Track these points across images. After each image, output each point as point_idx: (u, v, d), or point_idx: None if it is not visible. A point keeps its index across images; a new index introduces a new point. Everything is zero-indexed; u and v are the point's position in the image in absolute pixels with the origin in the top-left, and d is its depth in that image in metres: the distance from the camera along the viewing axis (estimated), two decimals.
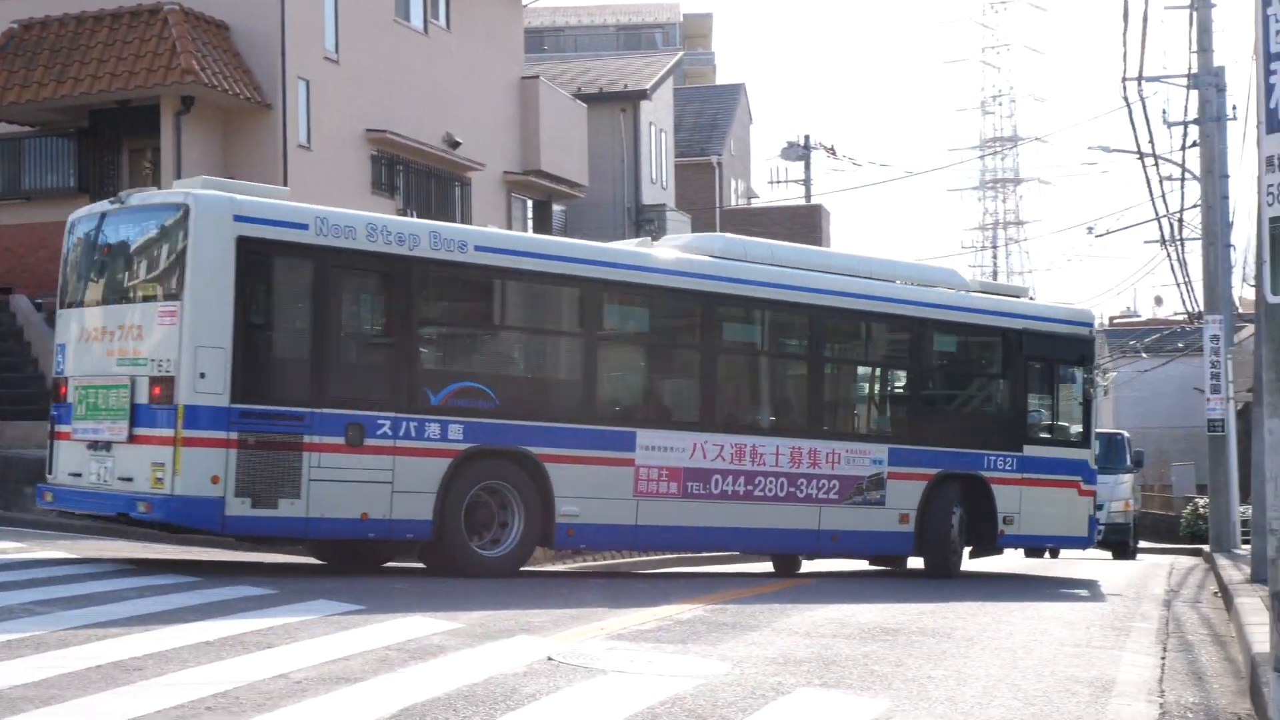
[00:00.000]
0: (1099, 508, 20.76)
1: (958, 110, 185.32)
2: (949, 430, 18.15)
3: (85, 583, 11.21)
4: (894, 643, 10.07)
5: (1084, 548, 19.65)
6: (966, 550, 18.19)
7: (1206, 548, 27.53)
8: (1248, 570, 17.42)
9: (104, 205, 13.91)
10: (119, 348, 12.97)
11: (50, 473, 13.65)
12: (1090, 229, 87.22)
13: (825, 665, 8.80)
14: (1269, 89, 5.43)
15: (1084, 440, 19.25)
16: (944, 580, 17.09)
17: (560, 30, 74.55)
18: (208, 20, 25.75)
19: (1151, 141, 41.62)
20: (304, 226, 13.14)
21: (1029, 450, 18.54)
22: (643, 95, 39.70)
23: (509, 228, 34.45)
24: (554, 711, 6.93)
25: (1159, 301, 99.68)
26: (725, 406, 16.25)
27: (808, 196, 56.36)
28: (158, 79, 24.45)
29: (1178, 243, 32.78)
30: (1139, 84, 25.22)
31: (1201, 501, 38.25)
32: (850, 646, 9.73)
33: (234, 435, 12.43)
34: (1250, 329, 32.20)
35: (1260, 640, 8.62)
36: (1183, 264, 37.79)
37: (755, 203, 55.00)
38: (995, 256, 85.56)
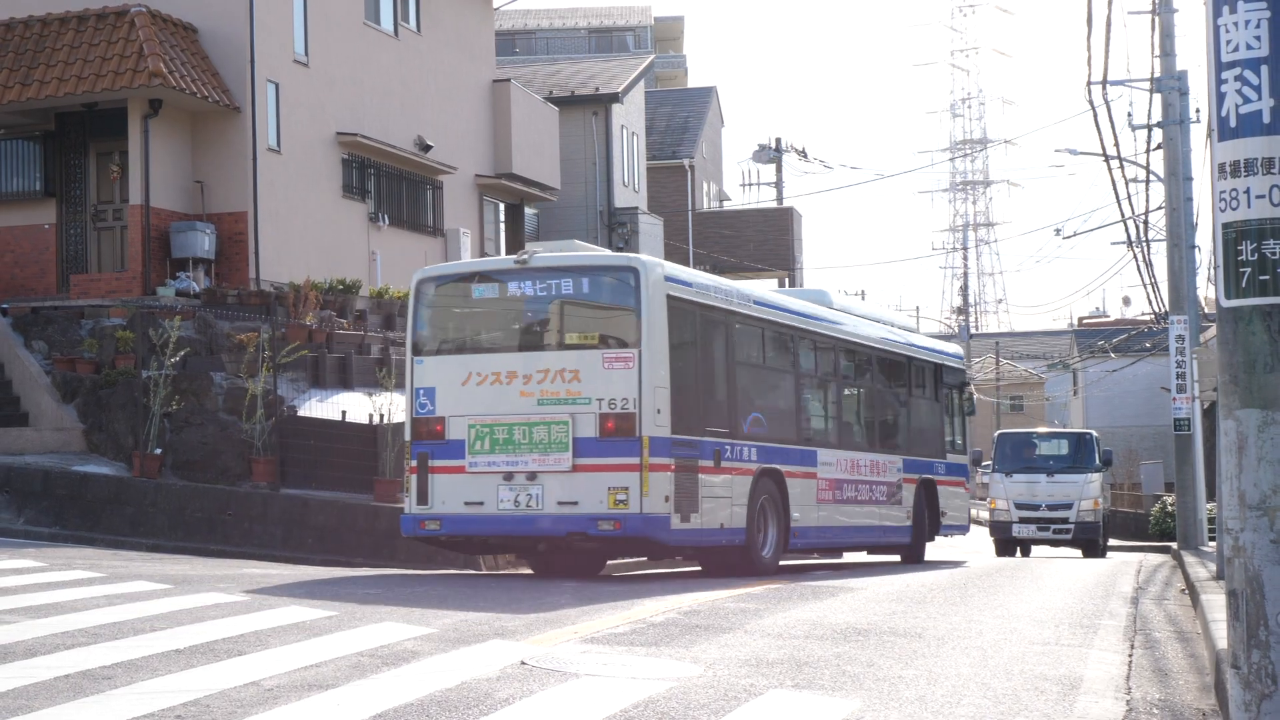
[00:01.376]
0: (1068, 505, 29.60)
1: (928, 113, 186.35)
2: (920, 443, 22.94)
3: (53, 591, 11.15)
4: (866, 643, 10.08)
5: (964, 533, 25.56)
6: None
7: (1175, 545, 27.68)
8: (1214, 568, 17.55)
9: (503, 263, 16.67)
10: (543, 390, 15.39)
11: (422, 504, 15.69)
12: (1058, 231, 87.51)
13: (798, 666, 8.80)
14: (1220, 97, 5.48)
15: (965, 448, 25.08)
16: (916, 565, 20.40)
17: (531, 33, 74.51)
18: (175, 22, 25.62)
19: (1117, 144, 41.74)
20: (689, 285, 16.41)
21: (949, 457, 24.08)
22: (614, 98, 39.70)
23: (481, 230, 34.43)
24: (528, 715, 6.92)
25: (1127, 302, 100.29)
26: (842, 427, 20.50)
27: (779, 199, 56.48)
28: (125, 81, 24.31)
29: (1144, 244, 33.00)
30: (1103, 88, 25.34)
31: (1169, 499, 38.52)
32: (823, 647, 9.73)
33: (671, 461, 15.30)
34: (1215, 329, 32.42)
35: (1224, 637, 8.67)
36: (1149, 265, 38.11)
37: (727, 205, 55.08)
38: (966, 258, 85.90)
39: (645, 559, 19.75)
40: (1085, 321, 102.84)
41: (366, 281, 28.16)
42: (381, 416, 20.42)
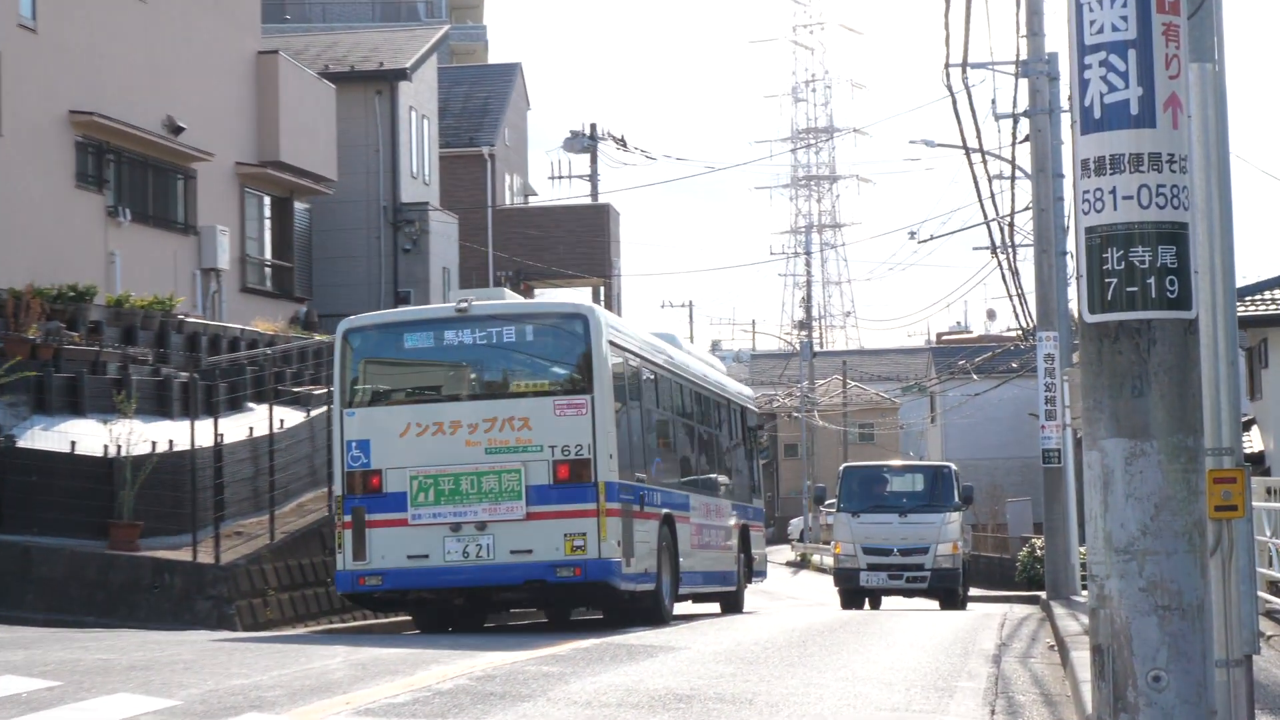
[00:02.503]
0: (923, 550, 32.00)
1: (766, 97, 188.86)
2: (740, 486, 26.73)
3: None
4: (688, 711, 10.12)
5: (763, 579, 29.02)
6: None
7: (1044, 595, 28.26)
8: (1086, 620, 17.93)
9: (440, 311, 18.78)
10: (490, 438, 17.53)
11: (359, 560, 17.56)
12: (913, 234, 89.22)
13: None
14: (1083, 84, 5.61)
15: (760, 491, 29.13)
16: (736, 615, 22.39)
17: None
18: None
19: (979, 136, 42.64)
20: (621, 332, 19.31)
21: (755, 502, 27.91)
22: (402, 75, 39.49)
23: (242, 228, 33.98)
24: None
25: (991, 316, 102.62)
26: (701, 472, 23.73)
27: (594, 194, 56.64)
28: None
29: (1009, 250, 33.66)
30: (963, 71, 25.86)
31: (1039, 542, 39.33)
32: (638, 717, 9.74)
33: (619, 506, 17.66)
34: None
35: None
36: (1015, 274, 38.73)
37: (534, 201, 55.10)
38: (809, 264, 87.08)
39: (538, 610, 22.86)
40: (945, 338, 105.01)
41: (104, 287, 27.57)
42: (119, 448, 20.02)
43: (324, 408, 24.64)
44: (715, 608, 25.12)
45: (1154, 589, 5.43)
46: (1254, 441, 40.88)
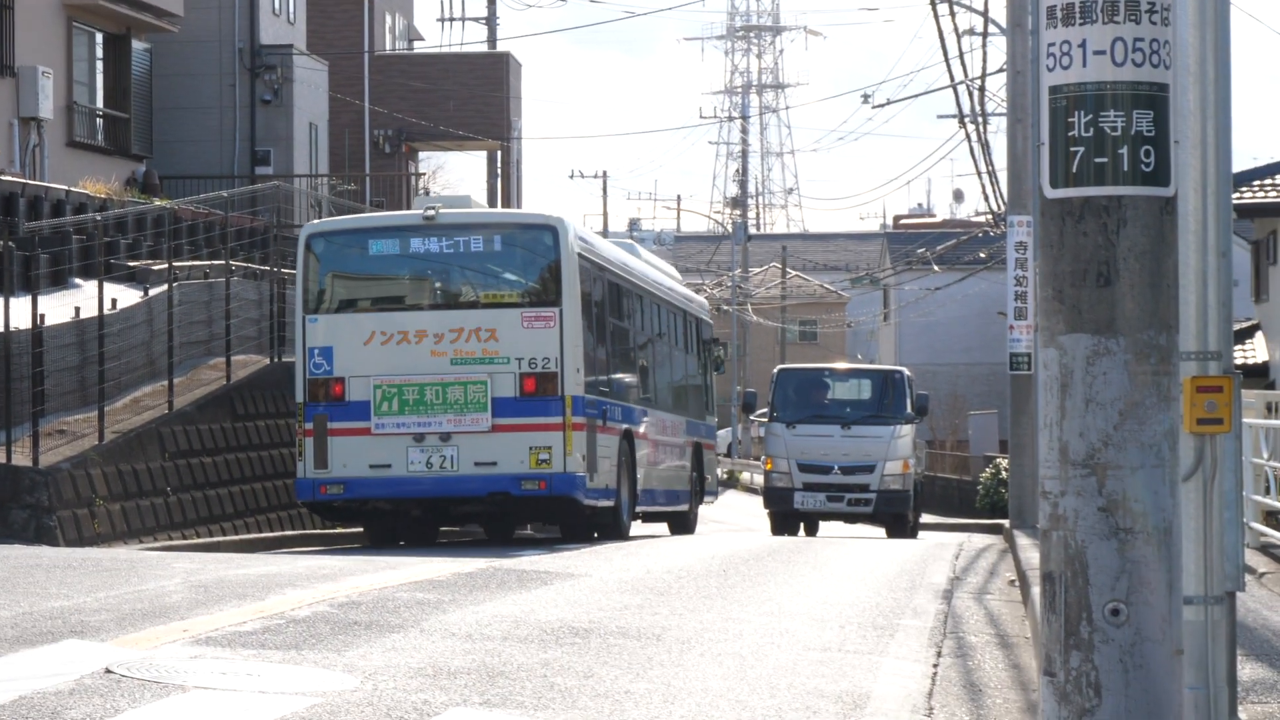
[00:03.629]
0: (868, 468, 32.65)
1: None
2: (694, 403, 29.57)
3: None
4: (585, 647, 10.23)
5: (714, 500, 32.28)
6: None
7: (1007, 523, 28.57)
8: None
9: (407, 218, 21.96)
10: (456, 349, 20.31)
11: (320, 468, 20.39)
12: (867, 97, 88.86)
13: (490, 677, 8.88)
14: None
15: (713, 408, 32.22)
16: (684, 535, 25.47)
17: None
18: None
19: None
20: (589, 244, 22.37)
21: (708, 419, 30.91)
22: None
23: (69, 70, 33.59)
24: None
25: (958, 197, 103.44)
26: (657, 386, 26.61)
27: (491, 41, 56.32)
28: None
29: (979, 119, 33.77)
30: None
31: (1004, 462, 39.74)
32: (526, 652, 9.85)
33: (584, 420, 20.49)
34: None
35: None
36: (985, 147, 38.83)
37: (420, 47, 54.74)
38: (746, 130, 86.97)
39: (484, 527, 25.37)
40: (903, 222, 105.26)
41: None
42: None
43: (164, 286, 24.54)
44: (664, 528, 27.97)
45: (1115, 509, 5.52)
46: (1258, 350, 41.33)
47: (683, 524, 28.10)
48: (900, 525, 33.28)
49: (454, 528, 25.53)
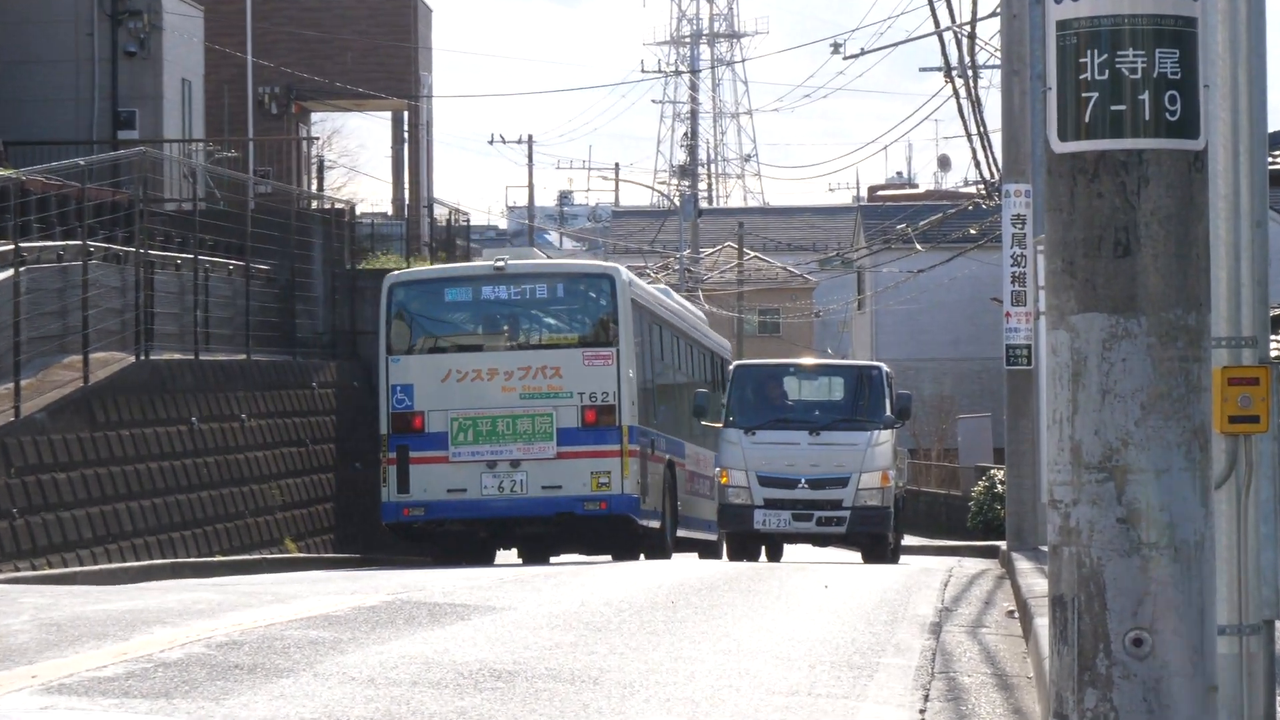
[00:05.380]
0: (841, 481, 31.91)
1: None
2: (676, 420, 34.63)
3: None
4: (509, 693, 10.19)
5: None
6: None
7: (1004, 545, 28.58)
8: None
9: (479, 269, 29.47)
10: (524, 385, 27.35)
11: (402, 492, 27.54)
12: (837, 47, 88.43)
13: None
14: None
15: None
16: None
17: None
18: None
19: None
20: (639, 289, 28.43)
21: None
22: None
23: None
24: None
25: (944, 164, 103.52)
26: (690, 421, 33.74)
27: None
28: None
29: (968, 72, 33.73)
30: None
31: (1000, 474, 39.77)
32: (439, 699, 9.80)
33: (638, 448, 27.10)
34: None
35: None
36: (976, 105, 38.80)
37: None
38: (695, 88, 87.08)
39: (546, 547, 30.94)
40: (879, 194, 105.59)
41: None
42: None
43: (9, 271, 24.38)
44: (694, 556, 32.56)
45: (1137, 520, 5.48)
46: None
47: (712, 552, 33.40)
48: (879, 548, 33.19)
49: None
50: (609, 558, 29.07)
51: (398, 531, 28.64)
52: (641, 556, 27.70)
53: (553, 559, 30.24)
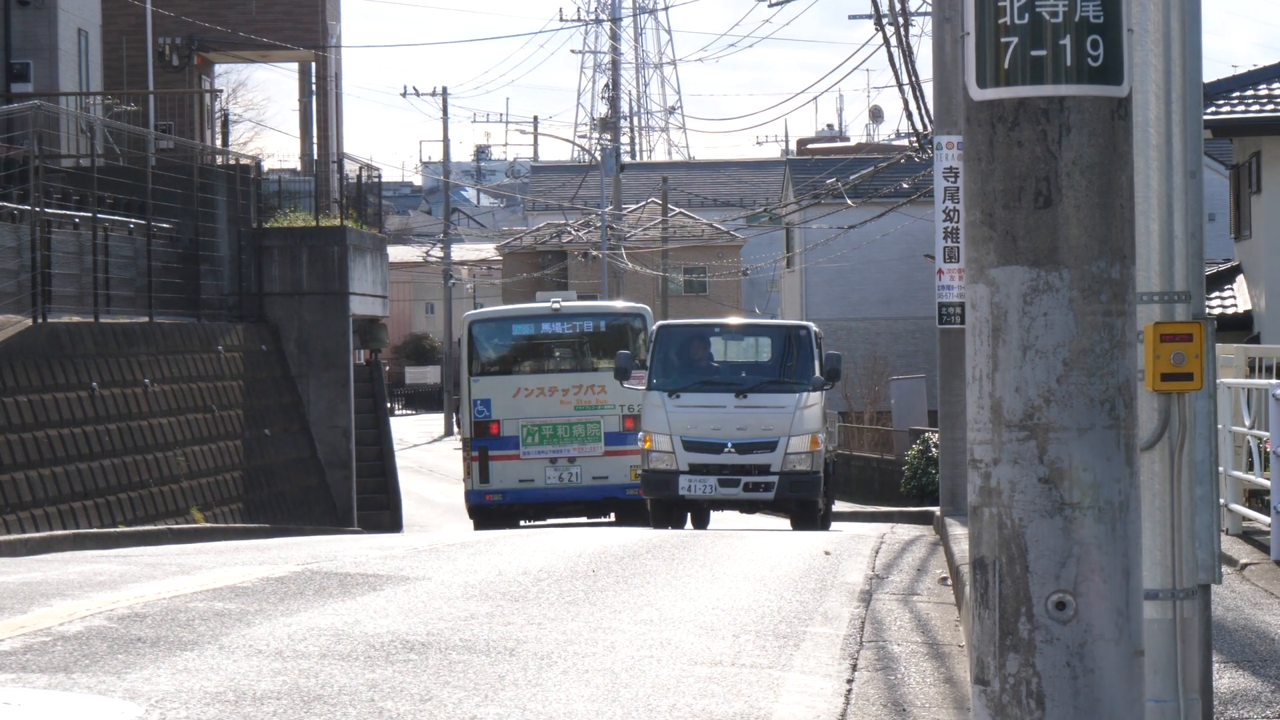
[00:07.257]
0: (769, 445, 32.81)
1: None
2: None
3: None
4: (422, 664, 10.22)
5: None
6: None
7: (938, 510, 28.66)
8: None
9: (540, 309, 39.76)
10: (577, 399, 37.36)
11: (484, 483, 36.89)
12: None
13: (305, 703, 8.88)
14: None
15: None
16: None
17: None
18: None
19: None
20: (659, 320, 39.20)
21: None
22: None
23: None
24: None
25: (876, 116, 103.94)
26: None
27: None
28: None
29: (899, 20, 33.82)
30: None
31: (934, 437, 39.97)
32: (349, 672, 9.83)
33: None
34: None
35: None
36: (908, 53, 38.92)
37: None
38: (616, 37, 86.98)
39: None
40: (809, 147, 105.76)
41: None
42: None
43: None
44: None
45: (1059, 479, 5.49)
46: (1238, 297, 41.73)
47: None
48: (808, 514, 33.24)
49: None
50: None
51: (478, 513, 37.40)
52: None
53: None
